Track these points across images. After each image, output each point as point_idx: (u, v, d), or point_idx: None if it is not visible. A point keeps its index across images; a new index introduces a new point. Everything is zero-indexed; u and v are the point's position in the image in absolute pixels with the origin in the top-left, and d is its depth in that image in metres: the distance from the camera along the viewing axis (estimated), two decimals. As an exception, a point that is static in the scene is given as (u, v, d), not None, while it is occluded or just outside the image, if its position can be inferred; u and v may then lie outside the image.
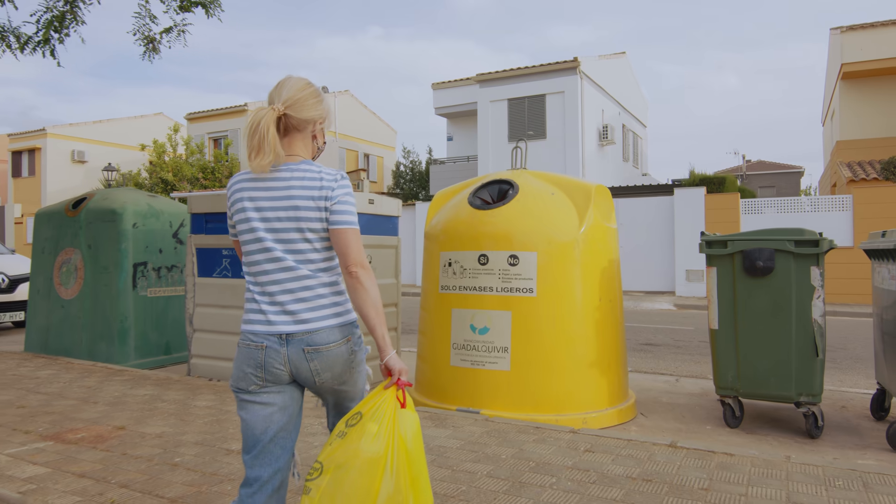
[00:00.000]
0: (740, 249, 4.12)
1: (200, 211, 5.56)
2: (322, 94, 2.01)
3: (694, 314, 11.95)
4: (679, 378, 5.93)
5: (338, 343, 1.87)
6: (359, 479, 1.70)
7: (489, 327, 4.30)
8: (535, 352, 4.20)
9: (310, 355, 1.84)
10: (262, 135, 1.82)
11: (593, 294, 4.37)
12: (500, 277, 4.30)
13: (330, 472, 1.74)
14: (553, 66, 19.48)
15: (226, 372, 5.34)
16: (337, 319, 1.89)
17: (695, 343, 8.16)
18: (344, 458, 1.73)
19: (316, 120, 1.97)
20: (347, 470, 1.71)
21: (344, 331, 1.89)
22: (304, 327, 1.84)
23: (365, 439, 1.73)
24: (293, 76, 1.96)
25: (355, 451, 1.72)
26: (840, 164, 17.79)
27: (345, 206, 1.89)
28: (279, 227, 1.86)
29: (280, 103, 1.90)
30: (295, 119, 1.92)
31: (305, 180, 1.87)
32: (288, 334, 1.83)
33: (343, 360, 1.88)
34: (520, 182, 4.62)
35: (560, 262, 4.29)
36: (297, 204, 1.85)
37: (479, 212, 4.51)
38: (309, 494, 1.75)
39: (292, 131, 1.94)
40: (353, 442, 1.74)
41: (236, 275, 5.40)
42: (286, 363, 1.83)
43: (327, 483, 1.73)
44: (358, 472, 1.70)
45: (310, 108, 1.93)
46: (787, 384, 4.01)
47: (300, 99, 1.91)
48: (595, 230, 4.45)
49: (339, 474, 1.72)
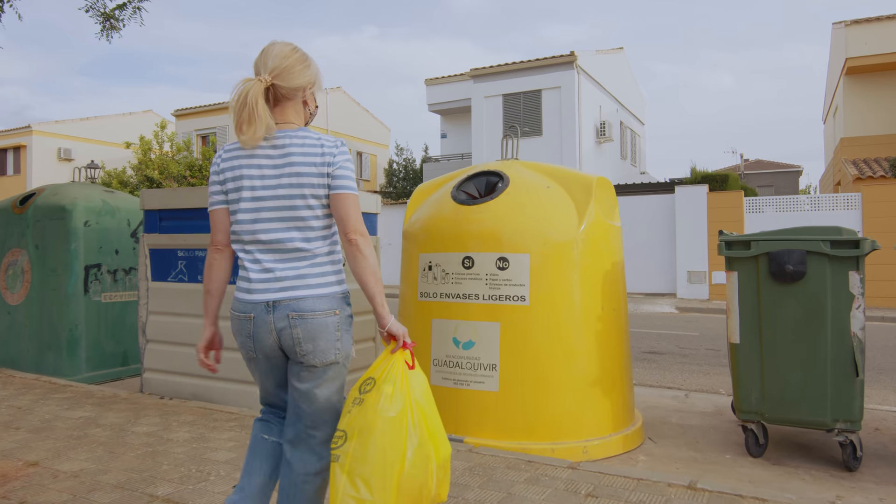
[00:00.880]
0: (766, 251, 3.54)
1: (154, 207, 4.96)
2: (309, 58, 1.94)
3: (697, 318, 11.39)
4: (689, 393, 5.35)
5: (324, 312, 1.84)
6: (384, 439, 1.77)
7: (475, 341, 3.71)
8: (527, 369, 3.62)
9: (293, 321, 1.82)
10: (252, 107, 1.77)
11: (595, 302, 3.79)
12: (488, 283, 3.72)
13: (354, 437, 1.80)
14: (549, 60, 18.90)
15: (182, 388, 4.74)
16: (326, 289, 1.86)
17: (702, 351, 7.59)
18: (365, 422, 1.79)
19: (305, 86, 1.92)
20: (371, 432, 1.78)
21: (332, 302, 1.86)
22: (291, 294, 1.83)
23: (384, 401, 1.79)
24: (277, 42, 1.89)
25: (375, 414, 1.78)
26: (845, 162, 17.26)
27: (345, 170, 1.89)
28: (282, 193, 1.84)
29: (267, 73, 1.84)
30: (284, 88, 1.87)
31: (306, 146, 1.86)
32: (275, 301, 1.82)
33: (328, 334, 1.84)
34: (511, 174, 4.04)
35: (556, 265, 3.70)
36: (300, 170, 1.83)
37: (463, 208, 3.92)
38: (339, 461, 1.81)
39: (282, 100, 1.90)
40: (372, 406, 1.80)
41: (193, 279, 4.80)
42: (272, 331, 1.83)
43: (354, 448, 1.79)
44: (382, 432, 1.77)
45: (298, 75, 1.88)
46: (821, 408, 3.44)
47: (287, 67, 1.86)
48: (596, 228, 3.87)
49: (364, 438, 1.78)
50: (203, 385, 4.67)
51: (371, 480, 1.77)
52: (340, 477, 1.80)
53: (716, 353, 7.48)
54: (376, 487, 1.76)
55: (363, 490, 1.77)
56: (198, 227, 4.76)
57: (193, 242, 4.76)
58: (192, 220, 4.80)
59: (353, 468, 1.79)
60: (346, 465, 1.79)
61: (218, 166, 1.93)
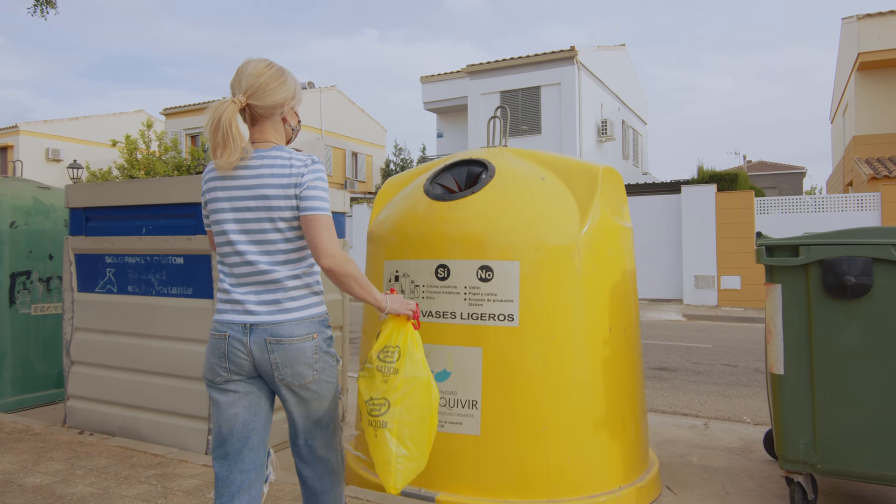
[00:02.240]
0: (819, 258, 2.78)
1: (79, 205, 4.21)
2: (286, 74, 1.90)
3: (707, 327, 10.62)
4: (708, 422, 4.59)
5: (301, 338, 1.83)
6: (420, 400, 1.96)
7: (450, 371, 2.96)
8: (516, 407, 2.87)
9: (271, 346, 1.80)
10: (226, 130, 1.75)
11: (601, 321, 3.04)
12: (467, 298, 2.97)
13: (397, 403, 1.94)
14: (549, 55, 18.17)
15: (109, 420, 3.99)
16: (302, 313, 1.85)
17: (717, 367, 6.82)
18: (404, 387, 1.94)
19: (282, 103, 1.89)
20: (410, 395, 1.95)
21: (310, 326, 1.85)
22: (268, 318, 1.81)
23: (417, 366, 1.97)
24: (252, 59, 1.87)
25: (412, 378, 1.95)
26: (857, 161, 16.51)
27: (314, 191, 1.82)
28: (250, 217, 1.82)
29: (241, 94, 1.83)
30: (260, 107, 1.85)
31: (275, 167, 1.82)
32: (252, 324, 1.81)
33: (306, 357, 1.83)
34: (497, 163, 3.29)
35: (553, 275, 2.96)
36: (266, 192, 1.80)
37: (438, 204, 3.17)
38: (387, 427, 1.93)
39: (260, 119, 1.88)
40: (405, 372, 1.95)
41: (123, 290, 4.05)
42: (248, 353, 1.81)
43: (399, 412, 1.94)
44: (419, 393, 1.96)
45: (272, 93, 1.85)
46: (893, 459, 2.68)
47: (261, 85, 1.83)
48: (603, 230, 3.12)
49: (406, 402, 1.95)
50: (133, 417, 3.92)
51: (415, 438, 1.96)
52: (391, 440, 1.94)
53: (732, 369, 6.72)
54: (420, 443, 1.97)
55: (412, 448, 1.96)
56: (128, 228, 4.01)
57: (123, 247, 4.01)
58: (121, 220, 4.05)
59: (401, 431, 1.94)
60: (395, 429, 1.94)
61: (202, 187, 1.92)
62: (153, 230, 3.90)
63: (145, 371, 3.91)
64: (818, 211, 13.11)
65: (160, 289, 3.89)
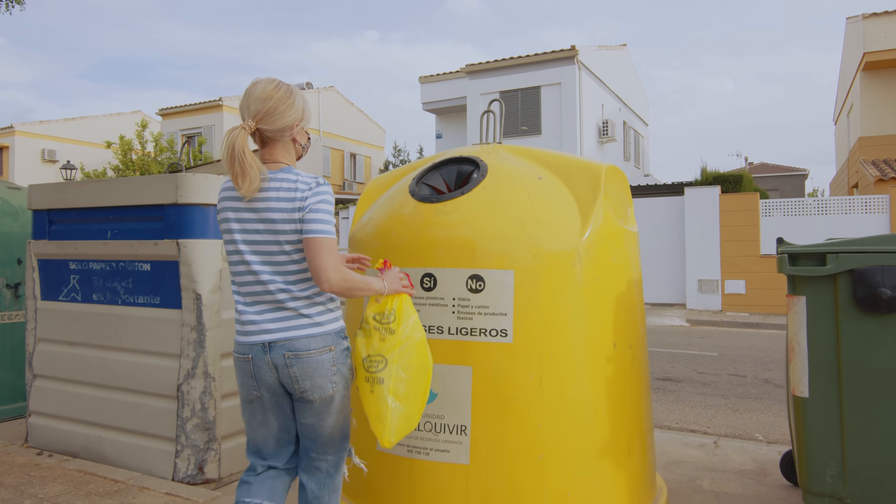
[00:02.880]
0: (850, 268, 2.49)
1: (42, 206, 3.92)
2: (294, 94, 1.92)
3: (712, 333, 10.32)
4: (718, 440, 4.29)
5: (318, 350, 1.88)
6: (417, 360, 2.08)
7: (436, 392, 2.66)
8: (510, 433, 2.57)
9: (290, 360, 1.85)
10: (240, 158, 1.78)
11: (604, 336, 2.75)
12: (456, 311, 2.67)
13: (395, 361, 2.02)
14: (549, 55, 17.88)
15: (72, 440, 3.69)
16: (317, 329, 1.89)
17: (724, 378, 6.51)
18: (401, 346, 2.04)
19: (291, 126, 1.91)
20: (407, 354, 2.05)
21: (326, 339, 1.90)
22: (283, 335, 1.86)
23: (413, 328, 2.08)
24: (260, 81, 1.88)
25: (409, 338, 2.06)
26: (863, 163, 16.21)
27: (316, 213, 1.84)
28: (259, 238, 1.87)
29: (250, 118, 1.85)
30: (269, 131, 1.88)
31: (282, 191, 1.85)
32: (270, 342, 1.86)
33: (324, 370, 1.89)
34: (490, 161, 3.00)
35: (551, 285, 2.66)
36: (272, 216, 1.84)
37: (424, 206, 2.87)
38: (384, 384, 2.01)
39: (269, 141, 1.91)
40: (403, 333, 2.04)
41: (87, 298, 3.76)
42: (272, 368, 1.87)
43: (396, 370, 2.02)
44: (415, 353, 2.07)
45: (281, 116, 1.87)
46: (933, 496, 2.38)
47: (269, 109, 1.85)
48: (607, 234, 2.82)
49: (403, 361, 2.04)
50: (96, 437, 3.62)
51: (410, 396, 2.05)
52: (388, 396, 2.00)
53: (741, 379, 6.42)
54: (414, 402, 2.08)
55: (406, 405, 2.04)
56: (93, 231, 3.72)
57: (88, 252, 3.72)
58: (86, 222, 3.76)
59: (397, 388, 2.01)
60: (391, 386, 2.01)
61: (217, 203, 1.95)
62: (118, 234, 3.60)
63: (110, 387, 3.62)
64: (822, 214, 12.80)
65: (126, 298, 3.60)
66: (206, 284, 3.32)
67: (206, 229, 3.37)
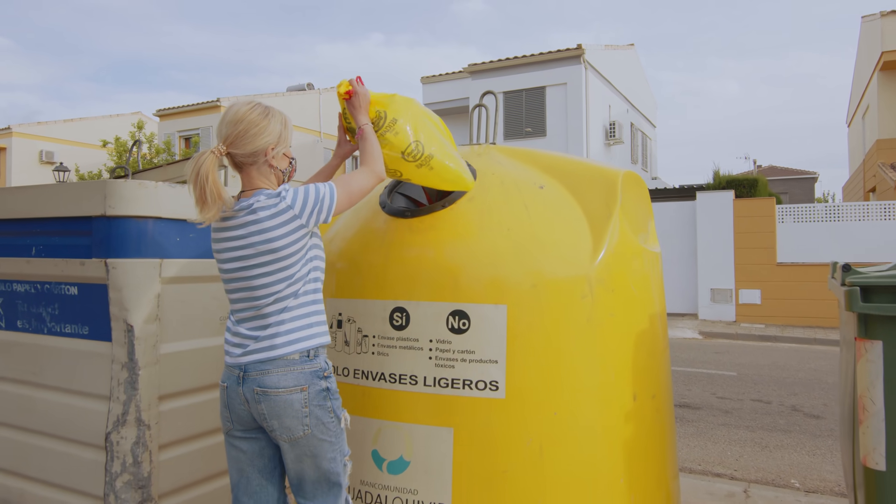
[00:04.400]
0: (945, 306, 1.91)
1: (-37, 217, 3.37)
2: (270, 118, 1.84)
3: (727, 347, 9.71)
4: (748, 487, 3.71)
5: (288, 390, 1.77)
6: (433, 134, 2.11)
7: (409, 460, 2.09)
8: (501, 515, 2.00)
9: (258, 397, 1.78)
10: (202, 184, 1.73)
11: (621, 387, 2.18)
12: (434, 357, 2.10)
13: (428, 141, 2.07)
14: (554, 54, 17.32)
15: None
16: (290, 368, 1.78)
17: (747, 404, 5.91)
18: (422, 129, 2.06)
19: (264, 150, 1.82)
20: (427, 130, 2.09)
21: (299, 377, 1.78)
22: (257, 357, 1.79)
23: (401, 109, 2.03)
24: (237, 104, 1.85)
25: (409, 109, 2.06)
26: (882, 166, 15.58)
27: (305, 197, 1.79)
28: (241, 265, 1.82)
29: (221, 142, 1.81)
30: (239, 155, 1.82)
31: (259, 211, 1.78)
32: (245, 373, 1.80)
33: (293, 411, 1.76)
34: (481, 166, 2.44)
35: (555, 324, 2.09)
36: (253, 241, 1.79)
37: (397, 222, 2.31)
38: (435, 155, 2.09)
39: (243, 166, 1.86)
40: (401, 120, 2.02)
41: (11, 325, 3.20)
42: (244, 401, 1.81)
43: (434, 146, 2.08)
44: (430, 128, 2.12)
45: (251, 140, 1.80)
46: None
47: (239, 133, 1.79)
48: (624, 257, 2.26)
49: (434, 141, 2.09)
50: (18, 489, 3.07)
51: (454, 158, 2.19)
52: (445, 158, 2.13)
53: (765, 406, 5.82)
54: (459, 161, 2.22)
55: (458, 161, 2.21)
56: (17, 247, 3.16)
57: (10, 271, 3.17)
58: (9, 236, 3.21)
59: (442, 153, 2.12)
60: (438, 151, 2.11)
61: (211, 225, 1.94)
62: (43, 251, 3.05)
63: (34, 430, 3.06)
64: (834, 220, 12.15)
65: (52, 326, 3.04)
66: (139, 313, 2.76)
67: (141, 247, 2.81)
